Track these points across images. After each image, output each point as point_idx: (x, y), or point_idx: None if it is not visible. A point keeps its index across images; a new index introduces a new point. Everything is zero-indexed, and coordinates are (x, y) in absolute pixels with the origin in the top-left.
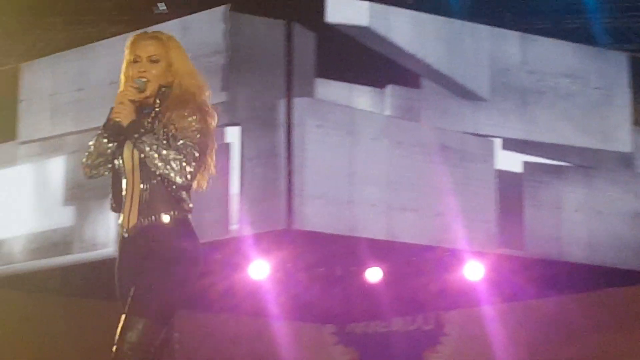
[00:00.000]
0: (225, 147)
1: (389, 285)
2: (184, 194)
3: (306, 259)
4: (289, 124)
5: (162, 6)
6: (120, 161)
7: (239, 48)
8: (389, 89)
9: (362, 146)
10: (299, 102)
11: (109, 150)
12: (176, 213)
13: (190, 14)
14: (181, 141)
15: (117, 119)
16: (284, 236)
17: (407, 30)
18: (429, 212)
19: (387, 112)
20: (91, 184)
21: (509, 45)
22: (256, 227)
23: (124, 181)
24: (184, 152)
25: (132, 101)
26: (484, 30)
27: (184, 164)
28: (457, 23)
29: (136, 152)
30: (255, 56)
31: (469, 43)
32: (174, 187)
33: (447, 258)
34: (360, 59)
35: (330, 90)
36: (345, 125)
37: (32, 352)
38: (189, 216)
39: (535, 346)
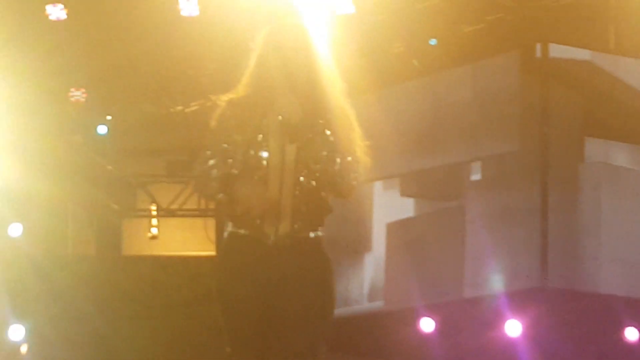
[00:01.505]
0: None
1: None
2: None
3: (560, 317)
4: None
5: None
6: (265, 154)
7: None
8: None
9: None
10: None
11: None
12: (321, 229)
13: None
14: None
15: None
16: (538, 294)
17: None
18: None
19: None
20: (342, 239)
21: None
22: (510, 285)
23: (259, 175)
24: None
25: None
26: None
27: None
28: None
29: (290, 149)
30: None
31: None
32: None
33: None
34: (616, 115)
35: (588, 147)
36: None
37: None
38: None
39: None
